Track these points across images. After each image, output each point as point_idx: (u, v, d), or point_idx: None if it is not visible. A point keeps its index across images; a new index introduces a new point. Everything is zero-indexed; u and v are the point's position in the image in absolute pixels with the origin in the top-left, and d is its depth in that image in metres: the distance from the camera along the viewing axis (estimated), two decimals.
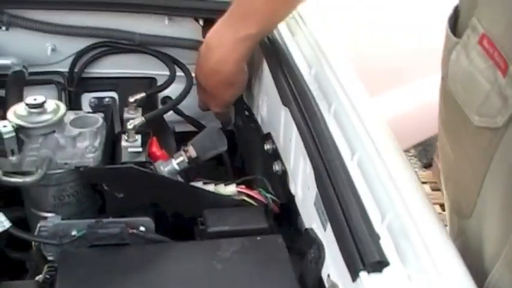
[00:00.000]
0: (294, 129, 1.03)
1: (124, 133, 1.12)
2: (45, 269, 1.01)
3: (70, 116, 1.08)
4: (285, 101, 1.08)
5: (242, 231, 1.04)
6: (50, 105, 1.06)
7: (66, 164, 1.04)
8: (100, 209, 1.14)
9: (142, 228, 1.01)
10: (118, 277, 0.95)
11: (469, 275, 0.75)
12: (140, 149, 1.09)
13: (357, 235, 0.79)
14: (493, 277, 0.79)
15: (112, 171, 1.06)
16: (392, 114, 2.04)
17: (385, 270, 0.75)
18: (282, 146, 1.14)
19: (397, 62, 2.10)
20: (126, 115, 1.20)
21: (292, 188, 1.09)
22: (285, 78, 1.11)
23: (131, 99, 1.21)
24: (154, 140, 1.13)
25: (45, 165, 1.01)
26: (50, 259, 1.04)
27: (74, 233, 1.01)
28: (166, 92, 1.40)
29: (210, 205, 1.08)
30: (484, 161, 0.72)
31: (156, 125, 1.23)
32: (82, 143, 1.05)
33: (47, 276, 1.00)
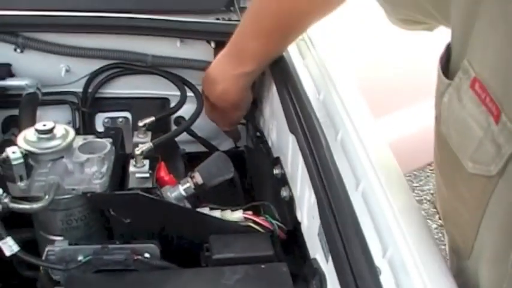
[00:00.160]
0: (300, 157, 1.03)
1: (132, 158, 1.12)
2: None
3: (79, 141, 1.09)
4: (292, 128, 1.08)
5: (247, 258, 1.04)
6: (59, 130, 1.07)
7: (73, 190, 1.05)
8: (109, 232, 1.15)
9: (147, 254, 1.02)
10: None
11: None
12: (147, 175, 1.09)
13: (357, 270, 0.79)
14: None
15: (119, 197, 1.07)
16: (399, 135, 2.04)
17: None
18: (290, 172, 1.14)
19: (405, 83, 2.09)
20: (135, 139, 1.21)
21: (298, 215, 1.09)
22: (293, 104, 1.11)
23: (140, 123, 1.22)
24: (162, 165, 1.14)
25: (52, 191, 1.02)
26: (58, 281, 1.05)
27: (80, 258, 1.02)
28: (178, 112, 1.41)
29: (216, 231, 1.08)
30: (480, 206, 0.71)
31: (166, 147, 1.24)
32: (90, 169, 1.06)
33: None
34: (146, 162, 1.11)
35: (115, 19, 1.34)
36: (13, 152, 1.01)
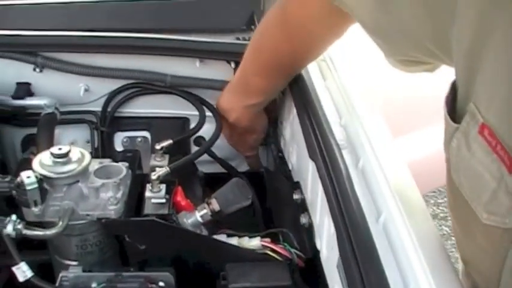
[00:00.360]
0: (320, 185, 1.00)
1: (149, 182, 1.10)
2: None
3: (94, 165, 1.08)
4: (312, 155, 1.05)
5: None
6: (75, 154, 1.06)
7: (88, 215, 1.04)
8: (124, 257, 1.13)
9: (161, 283, 1.00)
10: None
11: None
12: (164, 200, 1.07)
13: None
14: None
15: (133, 223, 1.05)
16: (422, 153, 2.00)
17: None
18: (310, 198, 1.11)
19: (427, 102, 2.05)
20: (152, 162, 1.19)
21: (318, 244, 1.06)
22: (313, 129, 1.08)
23: (158, 146, 1.20)
24: (179, 190, 1.12)
25: (67, 217, 1.01)
26: None
27: (94, 286, 1.00)
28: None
29: (233, 259, 1.06)
30: (500, 255, 0.66)
31: (183, 169, 1.21)
32: (105, 194, 1.04)
33: None
34: (163, 186, 1.09)
35: (134, 39, 1.32)
36: (28, 177, 0.99)
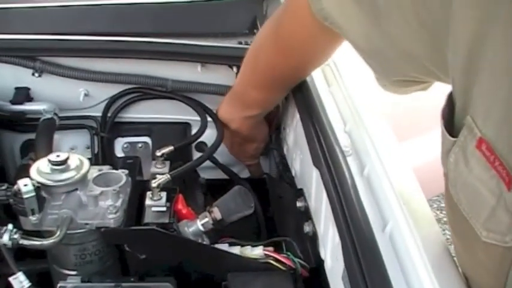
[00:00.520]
0: (324, 193, 0.98)
1: (149, 190, 1.08)
2: None
3: (93, 172, 1.05)
4: (316, 162, 1.03)
5: None
6: (73, 161, 1.03)
7: (87, 224, 1.01)
8: (124, 266, 1.11)
9: None
10: None
11: None
12: (164, 209, 1.05)
13: None
14: None
15: (133, 232, 1.03)
16: (429, 158, 1.97)
17: None
18: (314, 206, 1.09)
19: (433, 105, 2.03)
20: (152, 169, 1.17)
21: (322, 253, 1.03)
22: (317, 136, 1.06)
23: (158, 153, 1.18)
24: (180, 198, 1.09)
25: (65, 226, 0.98)
26: None
27: None
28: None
29: (235, 268, 1.03)
30: (502, 272, 0.64)
31: (184, 176, 1.19)
32: (104, 202, 1.02)
33: None
34: (163, 194, 1.07)
35: (135, 43, 1.30)
36: (25, 185, 0.97)
